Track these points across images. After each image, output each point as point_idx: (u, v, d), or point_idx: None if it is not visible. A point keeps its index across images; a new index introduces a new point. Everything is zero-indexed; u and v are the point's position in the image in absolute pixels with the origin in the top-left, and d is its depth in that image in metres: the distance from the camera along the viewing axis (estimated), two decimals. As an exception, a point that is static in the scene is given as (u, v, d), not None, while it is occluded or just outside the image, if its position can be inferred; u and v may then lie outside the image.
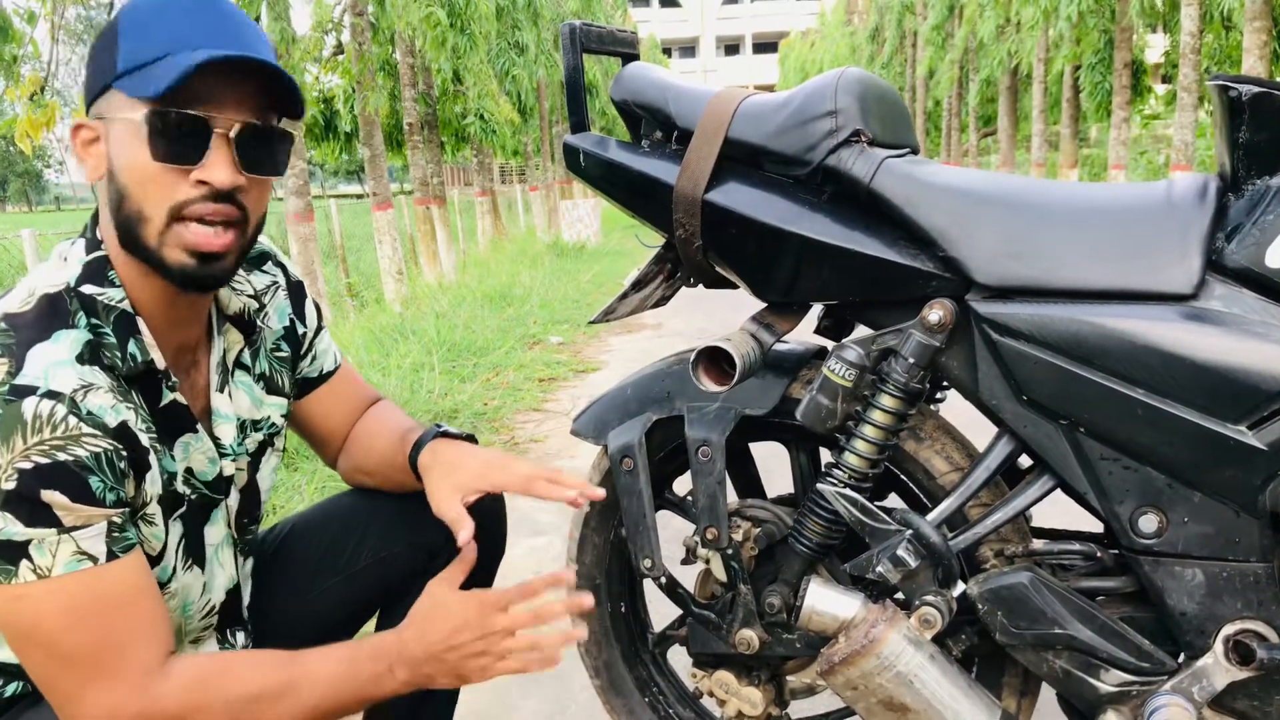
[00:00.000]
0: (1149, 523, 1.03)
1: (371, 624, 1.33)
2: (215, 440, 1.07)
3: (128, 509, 0.91)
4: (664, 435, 1.30)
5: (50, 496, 0.84)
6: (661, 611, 1.55)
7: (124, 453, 0.90)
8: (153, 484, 0.95)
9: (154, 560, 0.99)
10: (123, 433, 0.90)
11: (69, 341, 0.89)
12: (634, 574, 1.44)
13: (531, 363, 5.08)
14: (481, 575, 1.29)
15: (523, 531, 2.77)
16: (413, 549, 1.25)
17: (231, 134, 0.91)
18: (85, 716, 0.89)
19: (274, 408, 1.16)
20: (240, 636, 1.16)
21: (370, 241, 8.37)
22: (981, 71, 18.31)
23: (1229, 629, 1.02)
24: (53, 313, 0.91)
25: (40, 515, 0.84)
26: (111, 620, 0.89)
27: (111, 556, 0.88)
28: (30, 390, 0.84)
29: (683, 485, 1.34)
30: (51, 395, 0.85)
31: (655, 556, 1.29)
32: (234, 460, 1.09)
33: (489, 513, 1.22)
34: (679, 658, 1.47)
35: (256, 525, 1.17)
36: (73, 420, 0.85)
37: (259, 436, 1.14)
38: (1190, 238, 1.00)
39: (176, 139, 0.89)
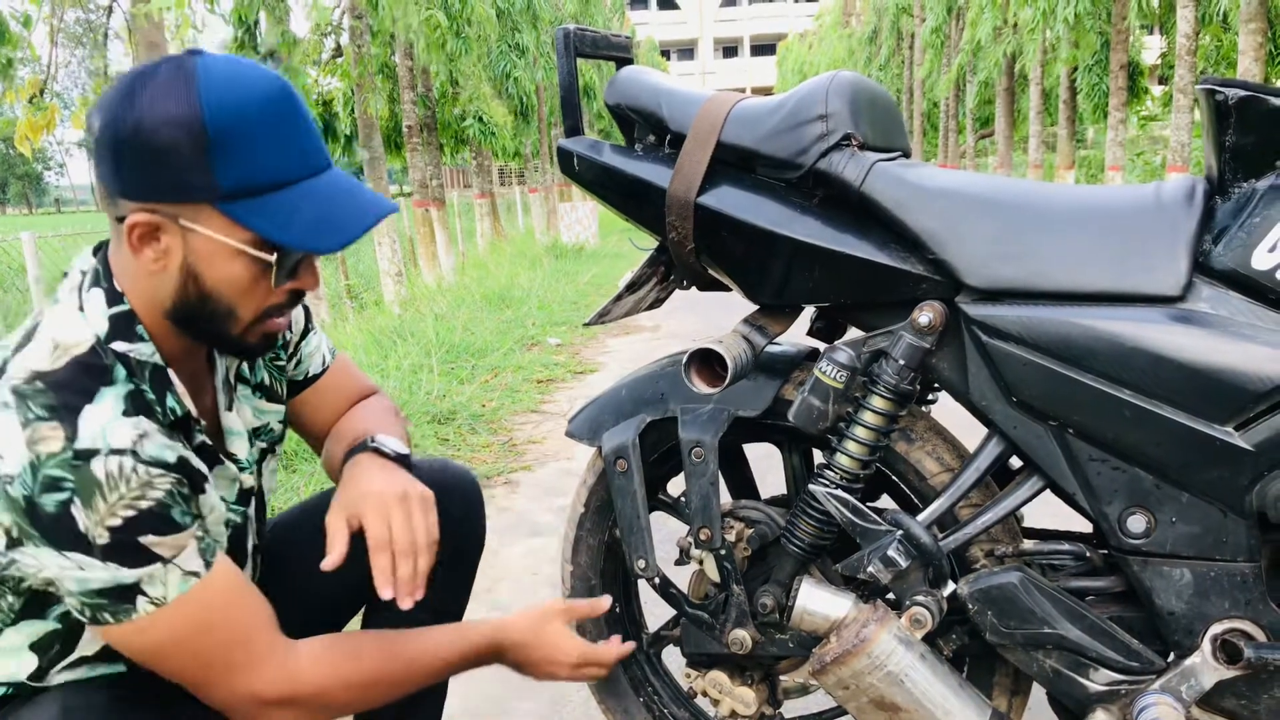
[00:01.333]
0: (1137, 523, 1.04)
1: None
2: (232, 457, 1.08)
3: (203, 520, 0.97)
4: (658, 436, 1.31)
5: (146, 540, 0.88)
6: (656, 612, 1.55)
7: (186, 481, 0.94)
8: (207, 507, 0.99)
9: None
10: (183, 466, 0.94)
11: (112, 399, 0.90)
12: (628, 575, 1.44)
13: (529, 364, 5.09)
14: (462, 564, 1.30)
15: (521, 532, 2.78)
16: None
17: None
18: (237, 704, 0.98)
19: (273, 415, 1.18)
20: None
21: (369, 243, 8.39)
22: (979, 73, 18.33)
23: (1217, 628, 1.03)
24: (88, 372, 0.91)
25: (143, 556, 0.88)
26: (230, 619, 0.96)
27: (208, 566, 0.94)
28: (94, 452, 0.86)
29: (676, 486, 1.35)
30: (116, 452, 0.87)
31: (649, 557, 1.30)
32: (250, 473, 1.11)
33: (463, 501, 1.23)
34: (673, 658, 1.48)
35: (263, 528, 1.20)
36: (141, 469, 0.88)
37: (262, 444, 1.16)
38: (1178, 240, 1.01)
39: (300, 263, 0.97)
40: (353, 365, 1.33)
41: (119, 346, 0.94)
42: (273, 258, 0.93)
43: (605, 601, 1.25)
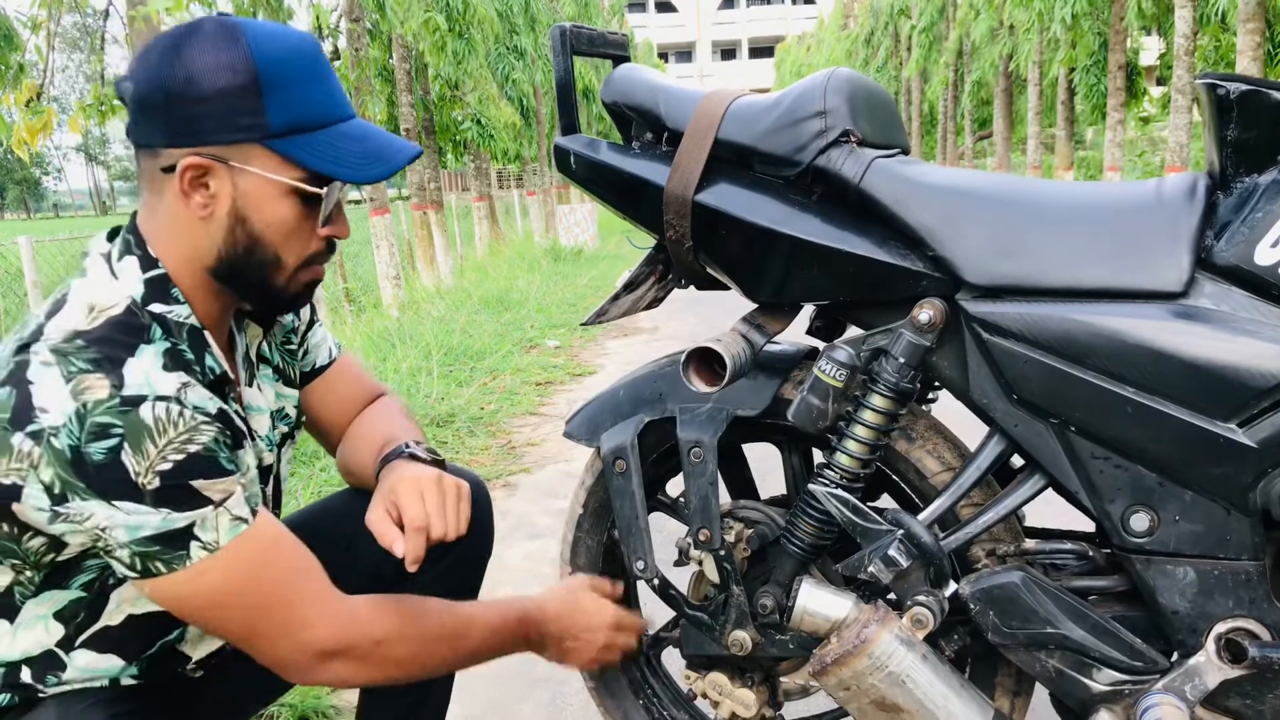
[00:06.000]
0: (1140, 521, 1.03)
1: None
2: (253, 433, 1.10)
3: (244, 472, 0.98)
4: (656, 437, 1.30)
5: (197, 484, 0.89)
6: (655, 614, 1.54)
7: (228, 432, 0.95)
8: (243, 465, 1.00)
9: None
10: (222, 417, 0.95)
11: (153, 354, 0.92)
12: (627, 576, 1.44)
13: (528, 367, 5.08)
14: (472, 569, 1.30)
15: (520, 535, 2.77)
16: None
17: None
18: (291, 656, 0.97)
19: (289, 399, 1.20)
20: None
21: (368, 246, 8.37)
22: (974, 74, 18.35)
23: (1221, 627, 1.02)
24: (128, 329, 0.92)
25: (194, 500, 0.89)
26: (283, 564, 0.97)
27: (254, 514, 0.95)
28: (142, 399, 0.87)
29: (675, 487, 1.34)
30: (162, 399, 0.88)
31: (648, 558, 1.29)
32: (270, 450, 1.13)
33: (474, 505, 1.21)
34: (673, 660, 1.47)
35: (279, 515, 1.19)
36: (187, 414, 0.89)
37: (283, 428, 1.18)
38: (1180, 236, 1.00)
39: (335, 208, 1.01)
40: (358, 362, 1.34)
41: (155, 308, 0.96)
42: (324, 191, 0.97)
43: (618, 586, 1.33)
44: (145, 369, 0.89)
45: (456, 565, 1.23)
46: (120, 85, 0.96)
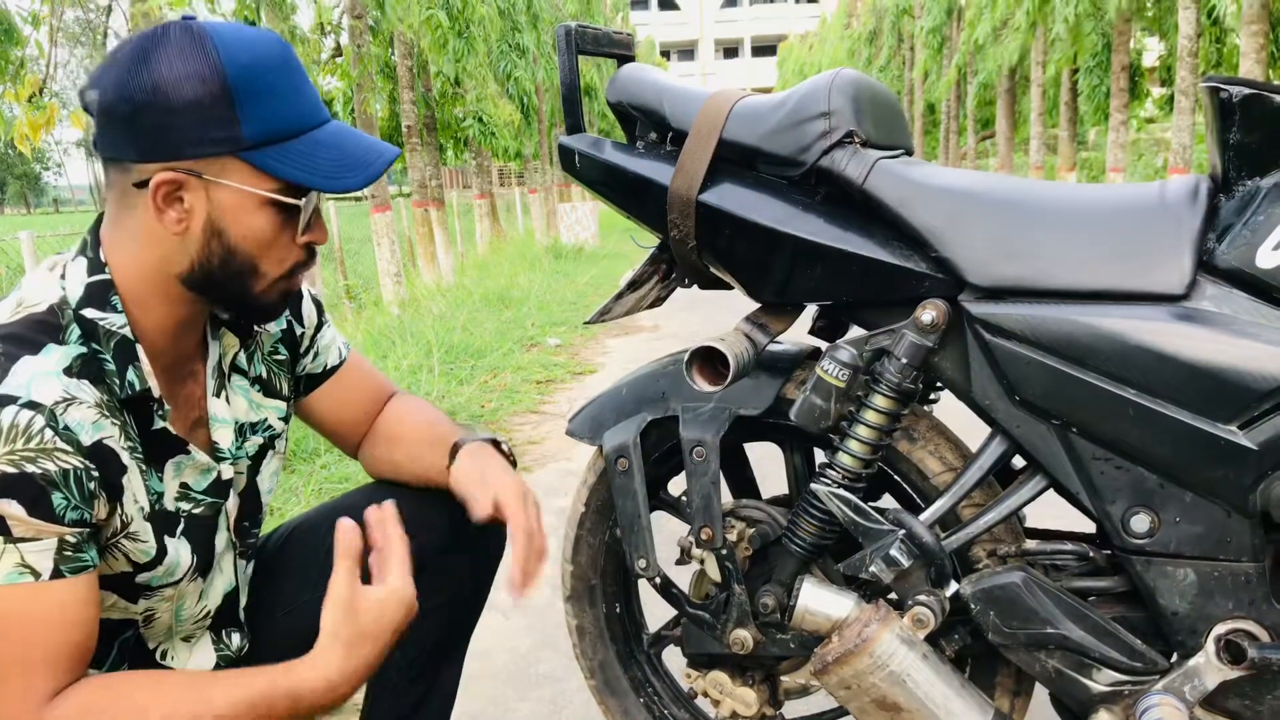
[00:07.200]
0: (1141, 523, 1.03)
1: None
2: (213, 445, 1.07)
3: (89, 529, 0.89)
4: (659, 435, 1.30)
5: (6, 506, 0.83)
6: (656, 612, 1.55)
7: (95, 472, 0.89)
8: (134, 503, 0.95)
9: (146, 567, 0.98)
10: (97, 452, 0.89)
11: (58, 355, 0.89)
12: (629, 574, 1.44)
13: (529, 365, 5.08)
14: (482, 570, 1.30)
15: (520, 533, 2.77)
16: (413, 551, 1.25)
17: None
18: None
19: (271, 410, 1.17)
20: (235, 638, 1.16)
21: (368, 243, 8.38)
22: (979, 74, 18.35)
23: (1220, 628, 1.02)
24: (43, 328, 0.90)
25: None
26: (32, 639, 0.86)
27: (57, 575, 0.86)
28: (11, 400, 0.84)
29: (678, 486, 1.34)
30: (31, 406, 0.84)
31: (650, 557, 1.29)
32: (233, 464, 1.09)
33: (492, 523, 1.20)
34: (674, 658, 1.47)
35: (257, 529, 1.17)
36: (48, 433, 0.85)
37: (258, 440, 1.14)
38: (1182, 239, 1.00)
39: (313, 215, 0.99)
40: (367, 361, 1.34)
41: (89, 313, 0.93)
42: (301, 202, 0.95)
43: (389, 506, 1.02)
44: (35, 370, 0.86)
45: (473, 562, 1.22)
46: (85, 94, 0.91)
